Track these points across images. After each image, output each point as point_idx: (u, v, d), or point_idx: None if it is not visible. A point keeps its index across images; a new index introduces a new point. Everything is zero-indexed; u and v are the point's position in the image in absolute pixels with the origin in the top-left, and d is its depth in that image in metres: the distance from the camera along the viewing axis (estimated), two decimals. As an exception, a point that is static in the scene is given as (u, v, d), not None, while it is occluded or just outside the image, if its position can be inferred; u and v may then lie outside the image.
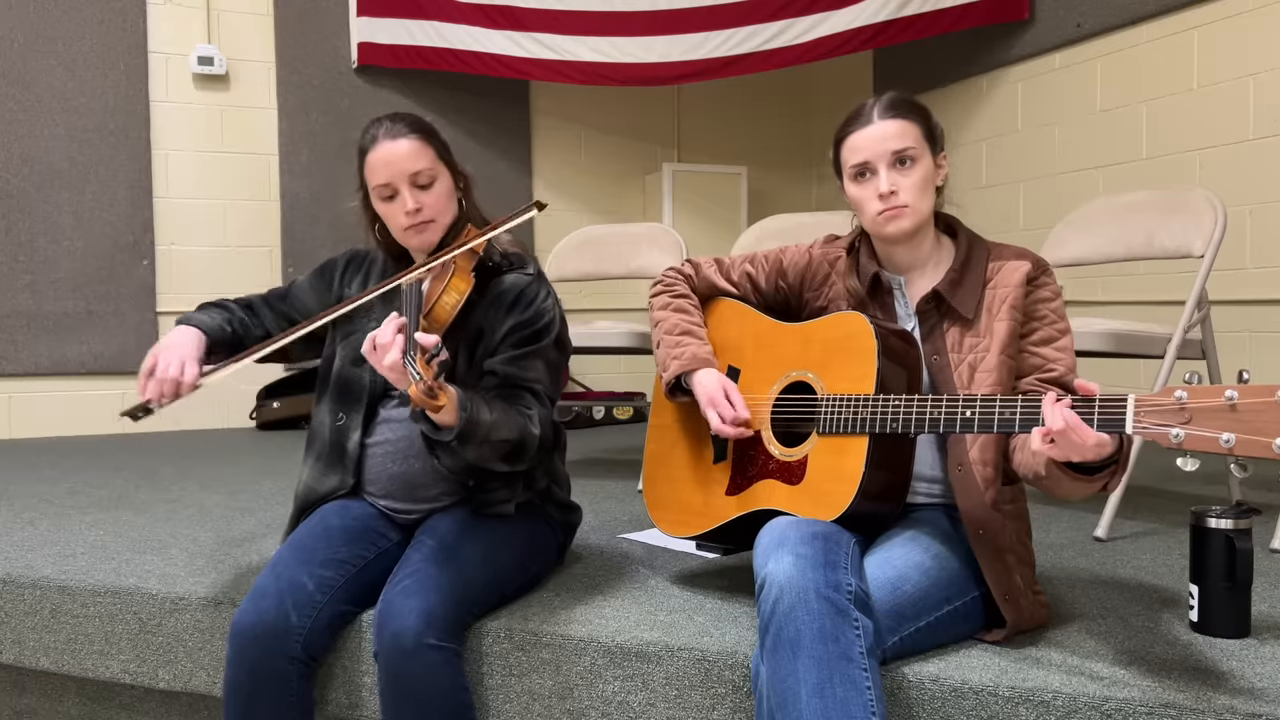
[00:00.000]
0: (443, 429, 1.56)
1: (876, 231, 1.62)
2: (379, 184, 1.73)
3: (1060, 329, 1.58)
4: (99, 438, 4.30)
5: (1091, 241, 2.70)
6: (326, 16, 4.70)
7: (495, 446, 1.62)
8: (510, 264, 1.79)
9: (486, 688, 1.65)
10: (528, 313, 1.74)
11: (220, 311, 1.85)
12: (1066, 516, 2.53)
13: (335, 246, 4.83)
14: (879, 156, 1.57)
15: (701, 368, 1.71)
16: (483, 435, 1.58)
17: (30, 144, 4.27)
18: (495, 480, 1.75)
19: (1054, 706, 1.36)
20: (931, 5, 4.24)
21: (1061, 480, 1.38)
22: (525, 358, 1.72)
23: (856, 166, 1.59)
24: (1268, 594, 1.82)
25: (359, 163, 1.78)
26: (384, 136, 1.73)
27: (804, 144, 5.65)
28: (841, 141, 1.63)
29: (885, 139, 1.57)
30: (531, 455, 1.70)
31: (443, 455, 1.62)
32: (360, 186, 1.81)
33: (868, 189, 1.59)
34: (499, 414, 1.62)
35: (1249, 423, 1.13)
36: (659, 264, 3.09)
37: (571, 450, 3.75)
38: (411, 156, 1.72)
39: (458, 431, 1.55)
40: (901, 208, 1.56)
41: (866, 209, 1.60)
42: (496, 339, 1.73)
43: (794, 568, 1.35)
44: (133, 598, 1.88)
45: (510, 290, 1.75)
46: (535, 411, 1.70)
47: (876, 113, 1.59)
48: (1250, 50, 3.41)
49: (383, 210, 1.77)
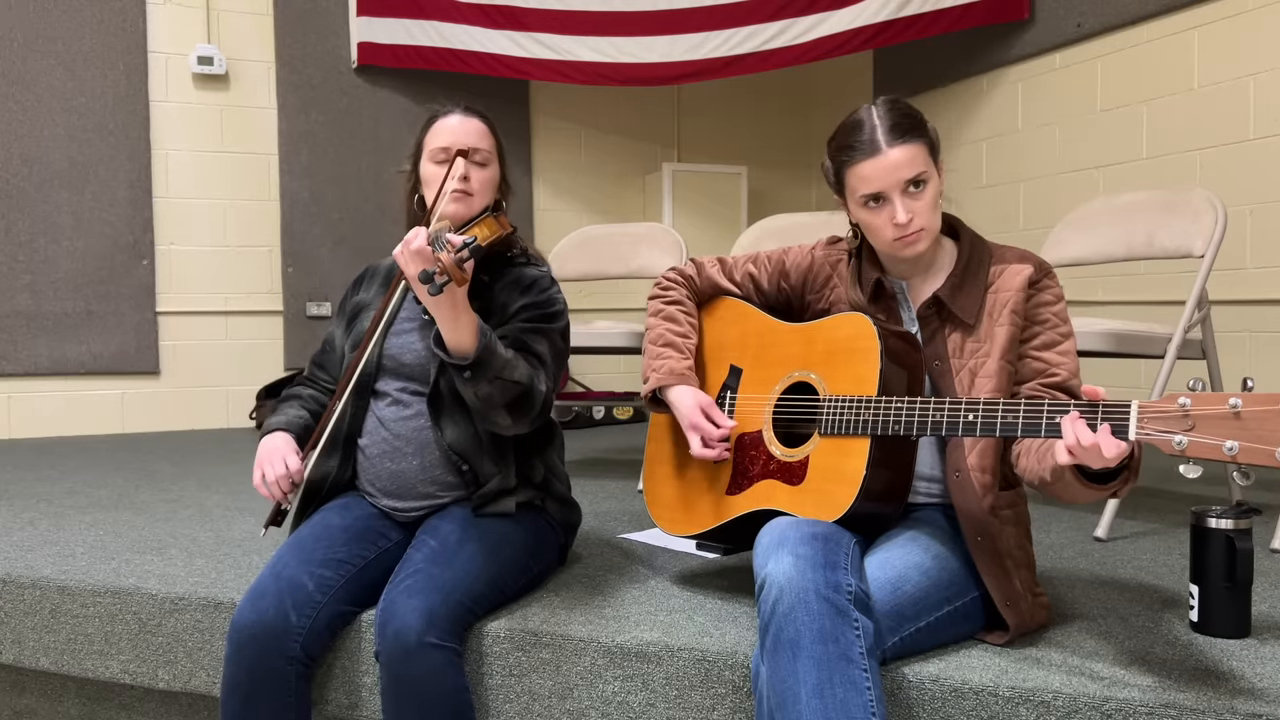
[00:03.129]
0: (458, 355, 1.61)
1: (892, 254, 1.59)
2: (439, 146, 1.81)
3: (1062, 333, 1.57)
4: (99, 438, 4.30)
5: (1091, 241, 2.70)
6: (326, 16, 4.70)
7: (505, 387, 1.65)
8: (529, 260, 1.88)
9: (486, 688, 1.65)
10: (540, 297, 1.82)
11: (291, 406, 1.91)
12: (1066, 517, 2.53)
13: (335, 246, 4.88)
14: (892, 186, 1.52)
15: (677, 384, 1.72)
16: (496, 370, 1.63)
17: (30, 144, 4.27)
18: (490, 466, 1.76)
19: (1054, 706, 1.36)
20: (931, 5, 4.24)
21: (1073, 486, 1.36)
22: (535, 332, 1.78)
23: (867, 196, 1.55)
24: (1268, 594, 1.82)
25: (422, 129, 1.87)
26: (459, 112, 1.86)
27: (804, 144, 5.65)
28: (846, 168, 1.57)
29: (898, 169, 1.52)
30: (534, 416, 1.72)
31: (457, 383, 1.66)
32: (412, 155, 1.88)
33: (881, 216, 1.55)
34: (513, 356, 1.68)
35: (1252, 430, 1.13)
36: (659, 264, 3.09)
37: (571, 450, 3.75)
38: (478, 134, 1.84)
39: (474, 357, 1.61)
40: (918, 232, 1.54)
41: (882, 235, 1.56)
42: (509, 314, 1.80)
43: (794, 568, 1.35)
44: (132, 598, 1.88)
45: (527, 277, 1.84)
46: (542, 373, 1.74)
47: (884, 139, 1.52)
48: (1250, 50, 3.41)
49: (432, 174, 1.83)
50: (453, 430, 1.74)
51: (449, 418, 1.75)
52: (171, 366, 4.54)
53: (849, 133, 1.57)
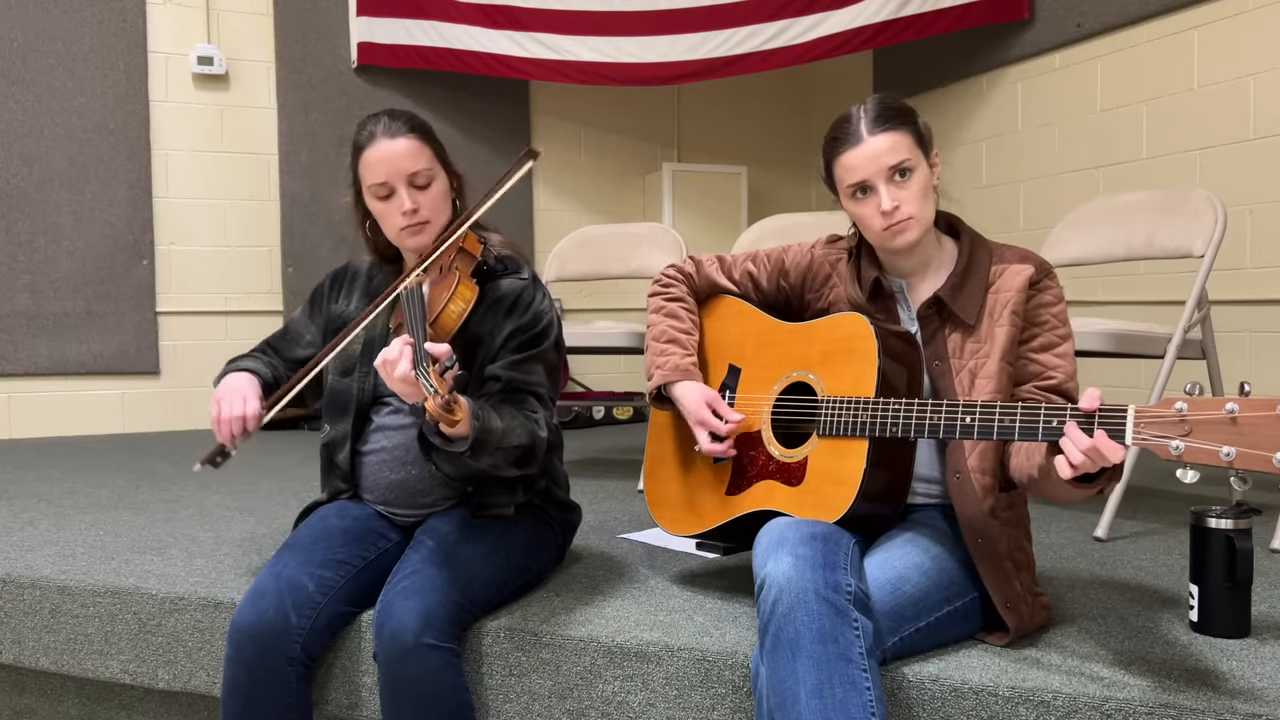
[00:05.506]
0: (456, 440, 1.52)
1: (883, 245, 1.60)
2: (375, 182, 1.69)
3: (1061, 335, 1.56)
4: (99, 438, 4.30)
5: (1091, 241, 2.69)
6: (326, 16, 4.70)
7: (507, 453, 1.59)
8: (505, 268, 1.78)
9: (486, 688, 1.65)
10: (526, 316, 1.72)
11: (255, 359, 1.87)
12: (1066, 517, 2.53)
13: (335, 246, 4.87)
14: (876, 174, 1.54)
15: (682, 380, 1.71)
16: (495, 443, 1.55)
17: (30, 144, 4.27)
18: (494, 484, 1.75)
19: (1054, 706, 1.36)
20: (931, 5, 4.24)
21: (1058, 485, 1.37)
22: (526, 362, 1.71)
23: (853, 186, 1.56)
24: (1268, 594, 1.82)
25: (353, 159, 1.74)
26: (382, 134, 1.69)
27: (804, 144, 5.65)
28: (833, 160, 1.59)
29: (879, 155, 1.53)
30: (540, 459, 1.69)
31: (441, 463, 1.58)
32: (352, 184, 1.78)
33: (868, 206, 1.56)
34: (509, 420, 1.59)
35: (1249, 436, 1.13)
36: (659, 264, 3.09)
37: (571, 450, 3.75)
38: (410, 156, 1.69)
39: (471, 441, 1.51)
40: (906, 220, 1.54)
41: (871, 225, 1.58)
42: (496, 344, 1.71)
43: (793, 568, 1.35)
44: (132, 598, 1.88)
45: (508, 295, 1.74)
46: (540, 415, 1.69)
47: (865, 128, 1.55)
48: (1250, 50, 3.41)
49: (378, 209, 1.73)
50: (450, 466, 1.61)
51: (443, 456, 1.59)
52: (171, 366, 4.54)
53: (837, 127, 1.59)
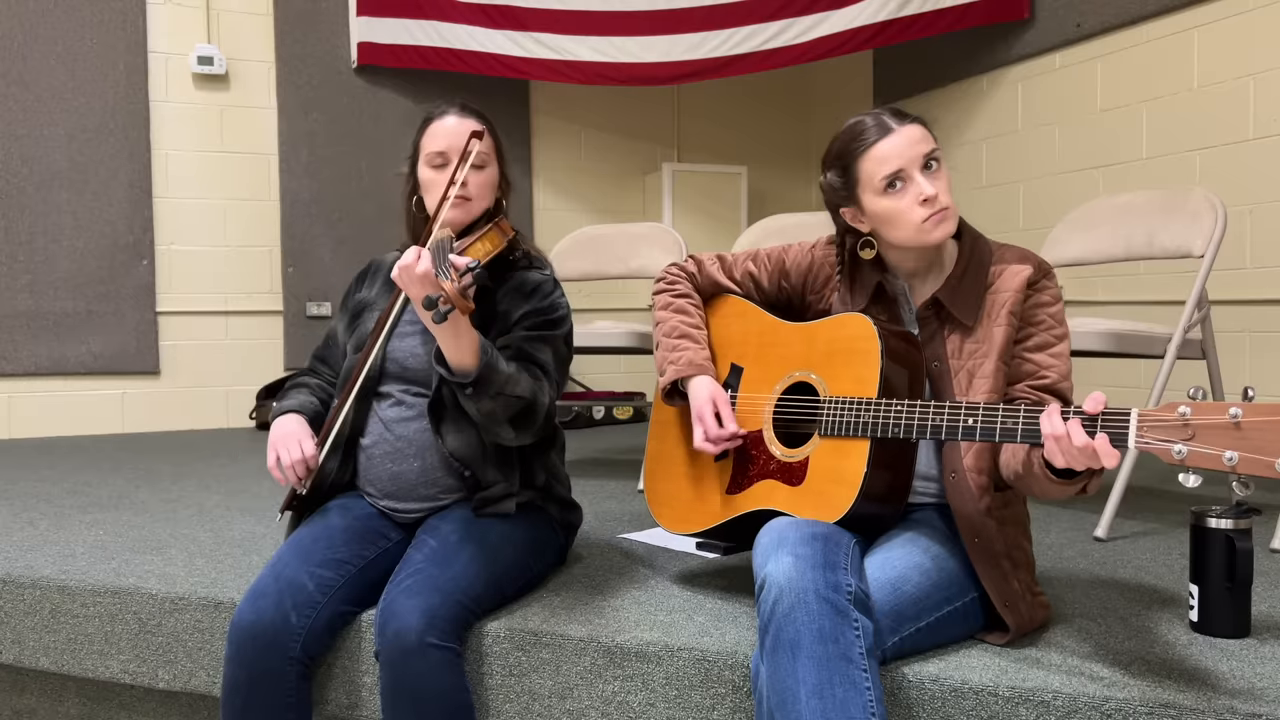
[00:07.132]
0: (460, 373, 1.59)
1: (920, 241, 1.54)
2: (435, 150, 1.79)
3: (1057, 335, 1.56)
4: (99, 437, 4.30)
5: (1091, 241, 2.70)
6: (326, 16, 4.70)
7: (508, 402, 1.64)
8: (531, 263, 1.86)
9: (486, 688, 1.65)
10: (544, 303, 1.80)
11: (300, 392, 1.89)
12: (1066, 517, 2.53)
13: (335, 246, 4.87)
14: (912, 161, 1.51)
15: (697, 374, 1.71)
16: (498, 386, 1.62)
17: (30, 144, 4.27)
18: (492, 468, 1.76)
19: (1054, 706, 1.36)
20: (931, 5, 4.24)
21: (1040, 481, 1.37)
22: (538, 340, 1.77)
23: (888, 177, 1.52)
24: (1268, 594, 1.82)
25: (419, 131, 1.84)
26: (455, 112, 1.82)
27: (804, 144, 5.65)
28: (859, 157, 1.54)
29: (914, 143, 1.51)
30: (538, 428, 1.72)
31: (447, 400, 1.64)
32: (410, 156, 1.86)
33: (905, 198, 1.52)
34: (515, 370, 1.67)
35: (1252, 441, 1.13)
36: (659, 264, 3.09)
37: (571, 450, 3.75)
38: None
39: (476, 375, 1.59)
40: (945, 209, 1.51)
41: (907, 219, 1.52)
42: (512, 321, 1.78)
43: (793, 568, 1.35)
44: (132, 598, 1.88)
45: (530, 282, 1.82)
46: (545, 384, 1.73)
47: (893, 121, 1.53)
48: (1250, 50, 3.41)
49: (429, 178, 1.81)
50: (454, 438, 1.74)
51: (450, 425, 1.74)
52: (171, 366, 4.54)
53: (852, 130, 1.57)
